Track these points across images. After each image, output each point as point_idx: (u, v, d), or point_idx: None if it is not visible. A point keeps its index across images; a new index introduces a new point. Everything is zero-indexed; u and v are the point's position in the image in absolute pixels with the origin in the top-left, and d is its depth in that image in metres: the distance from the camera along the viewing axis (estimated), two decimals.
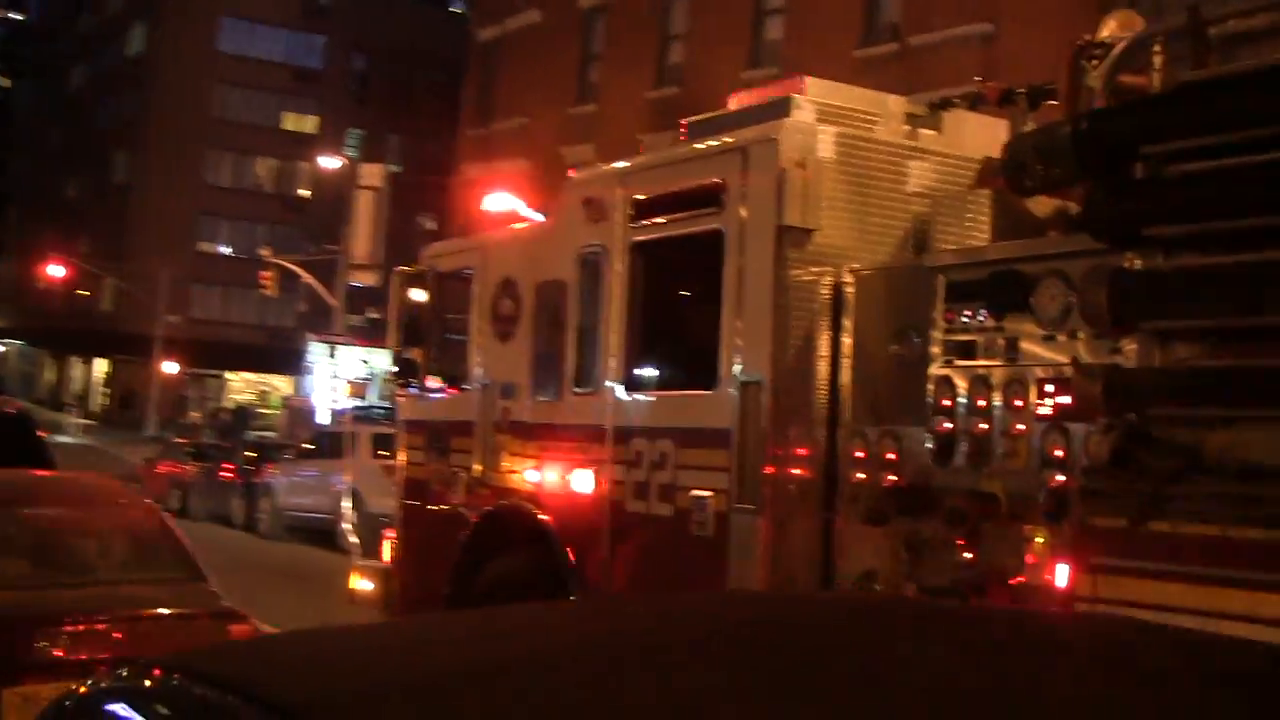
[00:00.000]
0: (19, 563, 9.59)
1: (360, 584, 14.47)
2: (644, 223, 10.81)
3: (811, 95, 10.32)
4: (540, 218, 13.65)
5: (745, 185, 9.81)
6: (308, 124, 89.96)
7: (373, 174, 51.85)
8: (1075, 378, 7.88)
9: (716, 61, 41.37)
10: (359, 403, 58.83)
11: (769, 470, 9.53)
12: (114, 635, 8.64)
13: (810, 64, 36.48)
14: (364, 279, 52.75)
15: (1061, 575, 7.96)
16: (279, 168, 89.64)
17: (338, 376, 57.33)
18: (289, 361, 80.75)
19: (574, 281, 11.48)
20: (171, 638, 8.69)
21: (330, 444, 33.72)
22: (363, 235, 51.16)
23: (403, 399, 14.17)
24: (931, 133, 10.83)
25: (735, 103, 11.32)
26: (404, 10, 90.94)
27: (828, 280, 9.61)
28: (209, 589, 9.56)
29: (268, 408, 78.51)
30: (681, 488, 10.15)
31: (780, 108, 10.07)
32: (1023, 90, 10.73)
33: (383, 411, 59.76)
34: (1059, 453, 8.10)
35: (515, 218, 13.48)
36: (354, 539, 15.78)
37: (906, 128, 10.76)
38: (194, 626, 8.99)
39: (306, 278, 56.62)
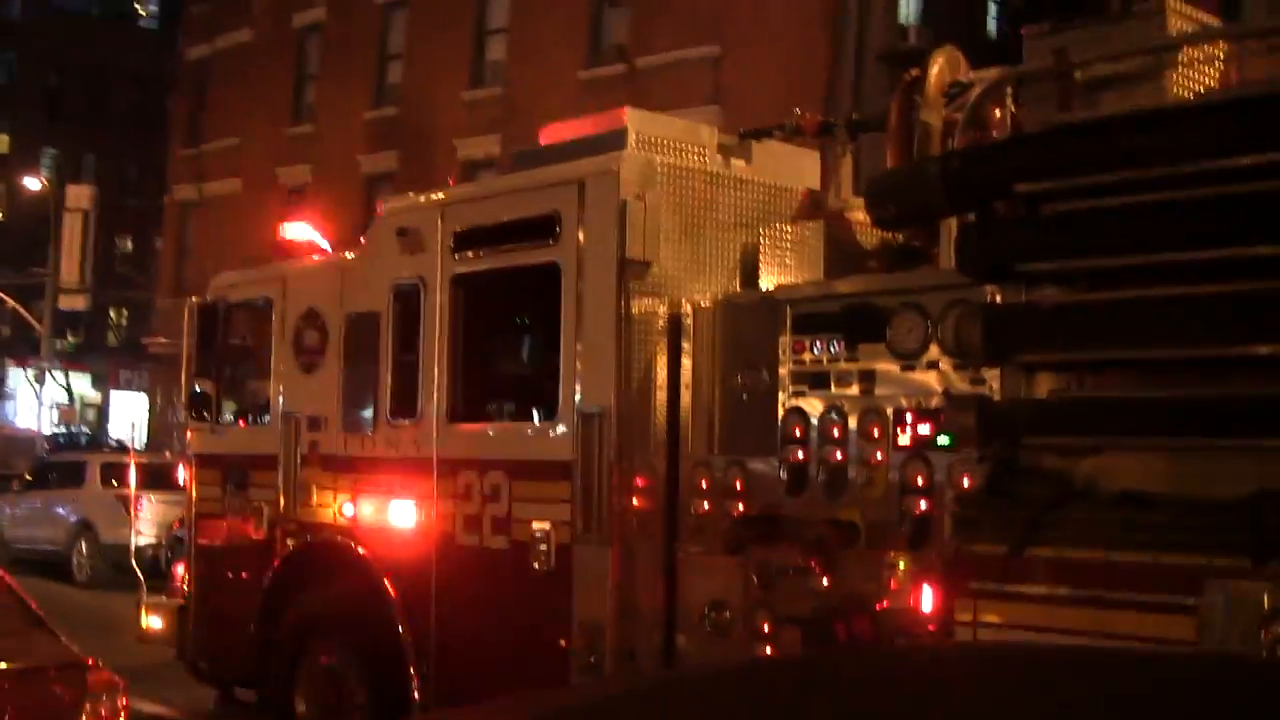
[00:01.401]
0: None
1: (152, 621, 14.07)
2: (467, 254, 10.70)
3: (632, 126, 10.34)
4: (326, 246, 13.49)
5: (583, 217, 9.79)
6: None
7: (80, 196, 50.56)
8: (946, 408, 8.05)
9: (437, 81, 41.32)
10: (68, 429, 57.40)
11: (614, 501, 9.52)
12: None
13: (535, 85, 37.05)
14: (73, 303, 51.50)
15: (927, 600, 8.11)
16: None
17: (44, 403, 55.78)
18: None
19: (388, 313, 11.31)
20: (24, 693, 8.31)
21: (60, 473, 32.64)
22: (70, 259, 49.84)
23: (194, 432, 13.74)
24: (741, 162, 10.93)
25: (548, 136, 11.24)
26: (97, 27, 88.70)
27: (664, 311, 9.65)
28: (56, 639, 9.07)
29: None
30: (519, 520, 10.08)
31: (615, 140, 10.07)
32: (841, 123, 10.94)
33: (87, 438, 58.43)
34: (920, 481, 8.26)
35: (309, 248, 13.21)
36: (140, 574, 15.23)
37: (719, 158, 10.83)
38: (47, 679, 8.58)
39: (10, 302, 54.89)
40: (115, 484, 30.23)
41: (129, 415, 69.31)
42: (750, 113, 11.46)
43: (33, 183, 62.31)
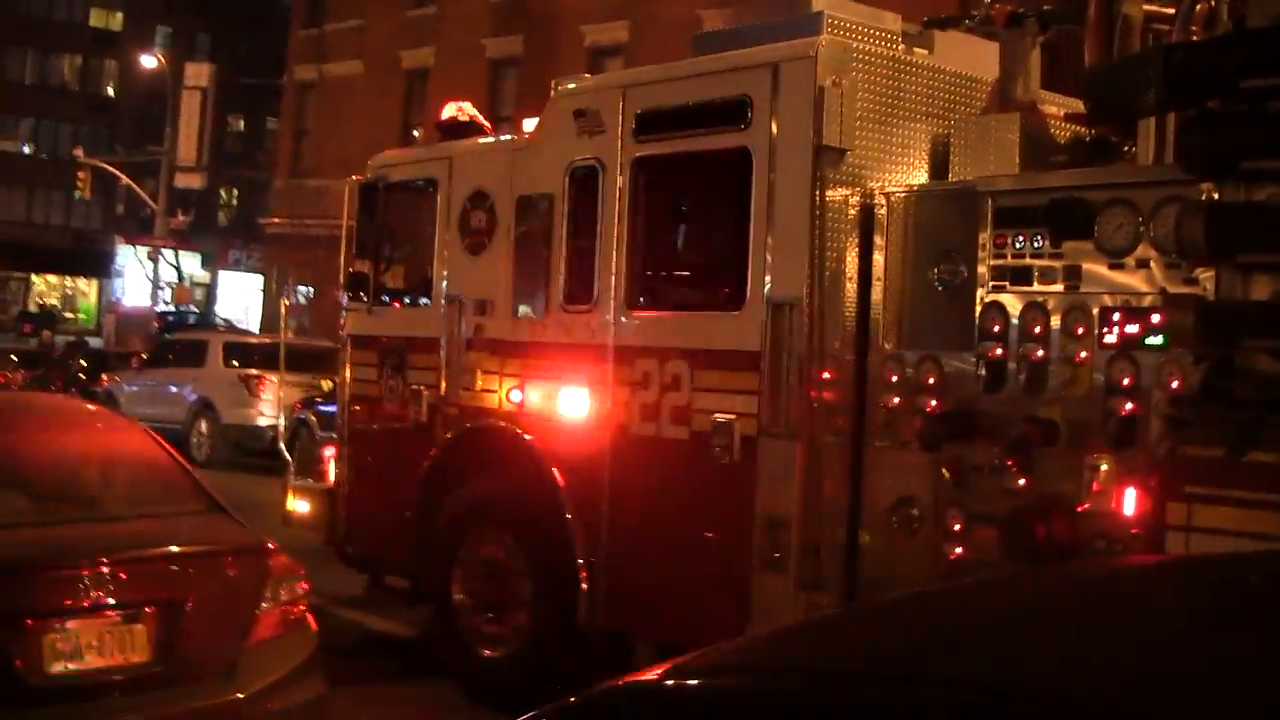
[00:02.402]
0: (11, 496, 8.60)
1: (298, 505, 14.04)
2: (650, 137, 10.53)
3: (823, 10, 10.11)
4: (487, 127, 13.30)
5: (776, 102, 9.59)
6: (114, 21, 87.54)
7: (200, 74, 50.79)
8: (1164, 307, 7.87)
9: None
10: (178, 308, 57.86)
11: (804, 393, 9.39)
12: (149, 575, 8.00)
13: None
14: (190, 181, 51.87)
15: (1130, 503, 7.96)
16: (85, 65, 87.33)
17: (162, 282, 56.16)
18: (94, 264, 79.07)
19: (563, 195, 11.16)
20: (206, 576, 8.23)
21: (179, 352, 32.93)
22: (189, 137, 50.12)
23: (351, 313, 13.60)
24: (924, 51, 10.69)
25: (728, 19, 11.01)
26: None
27: (856, 200, 9.47)
28: (234, 521, 8.96)
29: (75, 312, 76.80)
30: (700, 411, 9.94)
31: (808, 24, 9.85)
32: (1032, 15, 10.67)
33: (195, 317, 58.85)
34: (1127, 380, 8.08)
35: (471, 129, 13.02)
36: (289, 457, 15.22)
37: (903, 46, 10.60)
38: (228, 563, 8.48)
39: (125, 180, 55.21)
40: (237, 364, 30.47)
41: (238, 295, 69.88)
42: (885, 4, 11.20)
43: (149, 61, 62.48)
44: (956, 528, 8.82)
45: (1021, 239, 8.69)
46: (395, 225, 13.27)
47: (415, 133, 42.60)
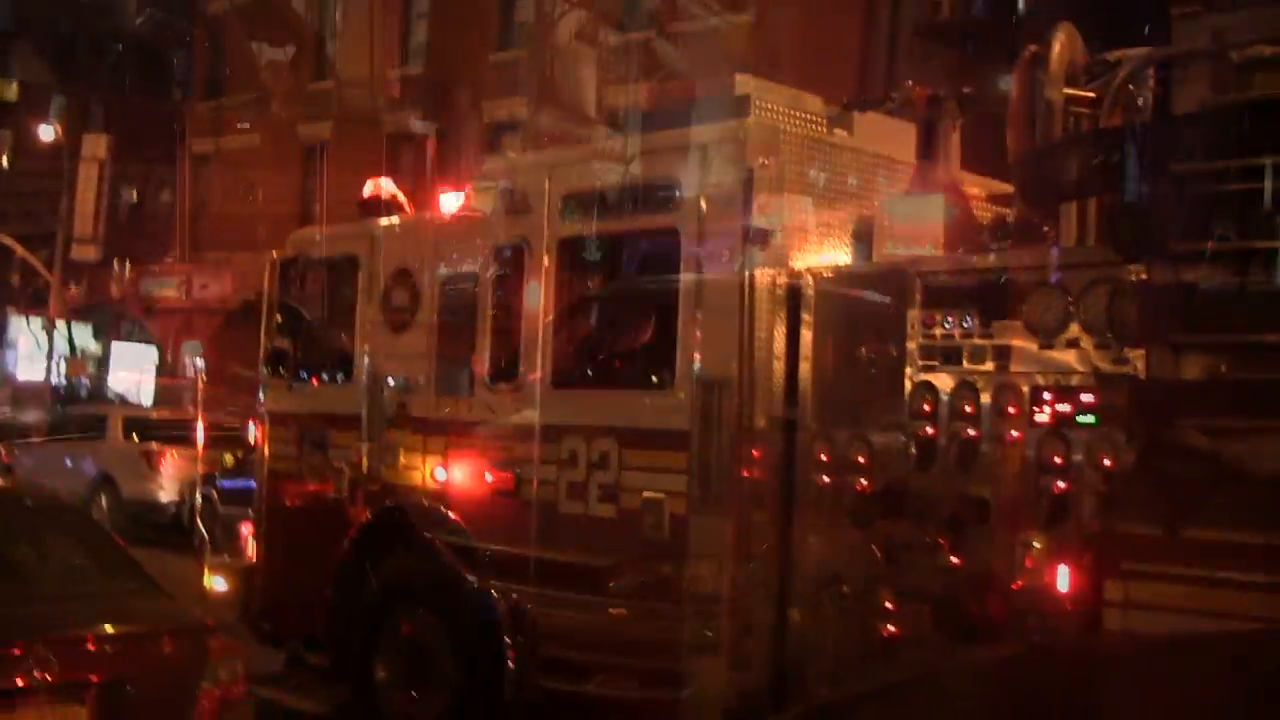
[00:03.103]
0: None
1: (215, 582, 13.83)
2: (577, 217, 10.55)
3: (750, 92, 10.21)
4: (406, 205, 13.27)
5: (705, 183, 9.66)
6: (9, 91, 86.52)
7: (96, 145, 50.34)
8: (1096, 387, 7.98)
9: (464, 42, 40.96)
10: (69, 381, 57.15)
11: (734, 472, 9.42)
12: (90, 655, 7.93)
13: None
14: (86, 253, 51.39)
15: (1063, 580, 8.03)
16: None
17: (61, 355, 55.53)
18: None
19: (488, 274, 11.16)
20: (152, 655, 8.14)
21: (79, 425, 32.46)
22: (85, 208, 49.68)
23: (269, 389, 13.49)
24: (844, 132, 10.81)
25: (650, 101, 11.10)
26: None
27: (784, 280, 9.54)
28: (170, 601, 8.88)
29: None
30: (628, 489, 9.95)
31: (736, 105, 9.95)
32: (952, 97, 10.84)
33: (87, 390, 58.08)
34: (1058, 459, 8.17)
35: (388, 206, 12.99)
36: (205, 533, 14.97)
37: (825, 127, 10.72)
38: (171, 643, 8.38)
39: (20, 251, 54.47)
40: (137, 438, 30.07)
41: (130, 367, 69.05)
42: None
43: (47, 132, 61.83)
44: (888, 605, 8.85)
45: (951, 319, 8.77)
46: (315, 302, 13.19)
47: (315, 206, 42.40)
